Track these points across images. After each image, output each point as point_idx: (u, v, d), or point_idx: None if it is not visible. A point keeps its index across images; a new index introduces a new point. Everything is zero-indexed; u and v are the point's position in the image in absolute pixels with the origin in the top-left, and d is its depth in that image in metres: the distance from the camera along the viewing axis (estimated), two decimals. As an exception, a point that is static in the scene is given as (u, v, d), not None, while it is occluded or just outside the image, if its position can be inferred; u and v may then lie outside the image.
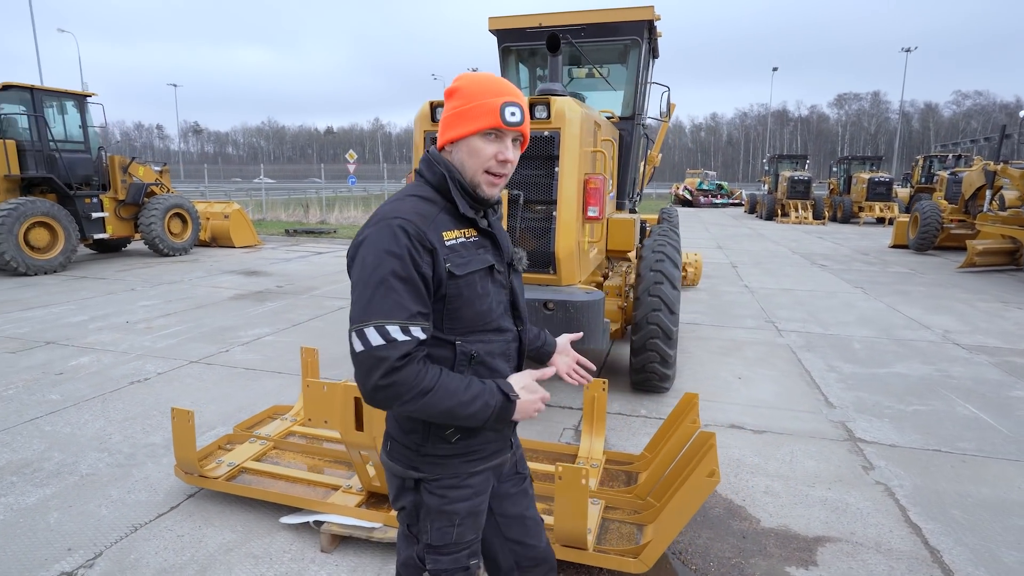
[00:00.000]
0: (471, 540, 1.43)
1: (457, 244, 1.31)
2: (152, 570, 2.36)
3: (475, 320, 1.34)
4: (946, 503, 2.94)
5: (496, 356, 1.39)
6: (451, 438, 1.35)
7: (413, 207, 1.28)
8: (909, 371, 5.00)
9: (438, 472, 1.38)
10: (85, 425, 3.71)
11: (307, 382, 2.41)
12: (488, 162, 1.31)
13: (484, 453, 1.41)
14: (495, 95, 1.29)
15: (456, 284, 1.29)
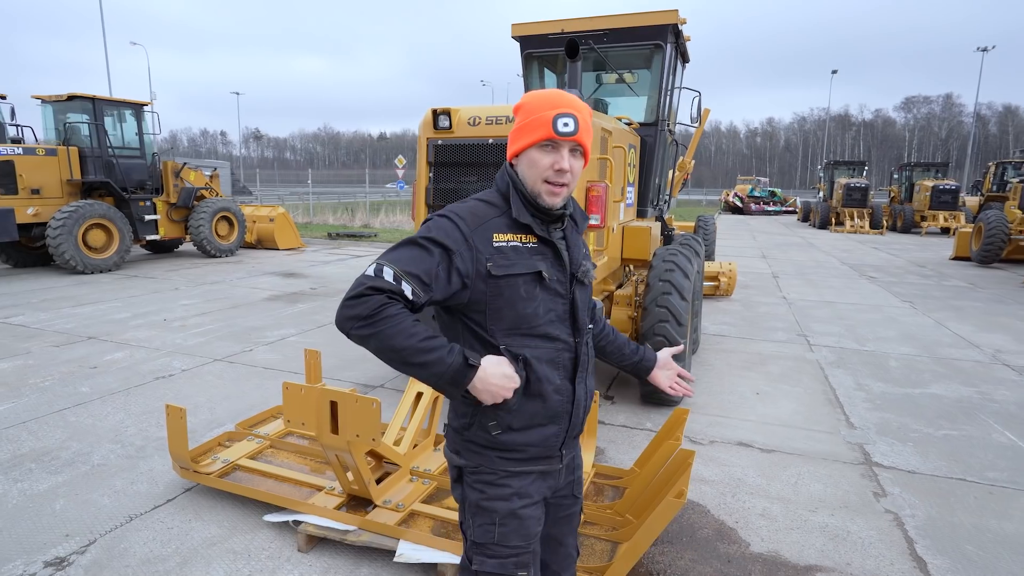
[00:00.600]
0: (517, 547, 1.42)
1: (507, 247, 1.35)
2: (137, 559, 2.46)
3: (518, 322, 1.37)
4: (961, 537, 2.73)
5: (543, 362, 1.39)
6: (492, 430, 1.38)
7: (470, 208, 1.39)
8: (946, 392, 4.68)
9: (477, 461, 1.42)
10: (106, 417, 3.91)
11: (286, 384, 2.46)
12: (545, 172, 1.36)
13: (524, 455, 1.42)
14: (549, 108, 1.34)
15: (496, 284, 1.34)
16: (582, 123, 1.35)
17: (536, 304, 1.38)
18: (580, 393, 1.46)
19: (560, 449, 1.47)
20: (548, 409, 1.41)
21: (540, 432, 1.42)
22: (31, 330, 6.03)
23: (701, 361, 5.44)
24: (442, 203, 3.75)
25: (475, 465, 1.42)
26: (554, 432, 1.44)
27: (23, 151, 9.22)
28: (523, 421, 1.39)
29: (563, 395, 1.43)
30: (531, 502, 1.44)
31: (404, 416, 3.09)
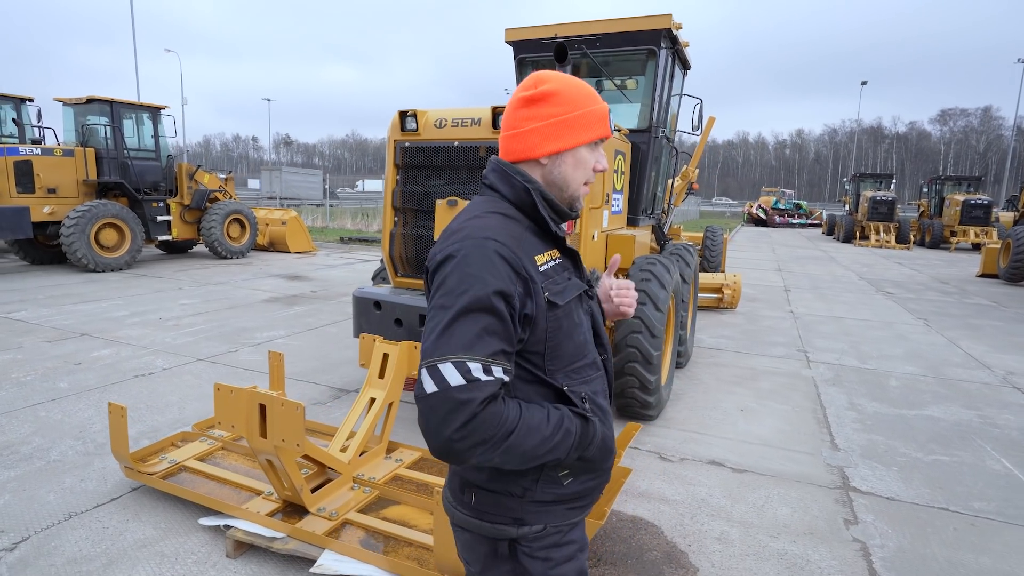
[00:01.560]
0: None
1: (549, 268, 1.13)
2: (64, 559, 2.43)
3: (575, 355, 1.16)
4: (930, 571, 2.54)
5: (599, 395, 1.21)
6: (563, 480, 1.16)
7: (503, 226, 1.09)
8: (944, 415, 4.44)
9: (543, 522, 1.15)
10: (76, 414, 3.92)
11: (217, 386, 2.41)
12: (588, 172, 1.21)
13: (591, 499, 1.24)
14: (598, 100, 1.18)
15: (556, 315, 1.11)
16: None
17: (583, 328, 1.19)
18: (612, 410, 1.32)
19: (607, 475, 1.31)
20: (608, 441, 1.21)
21: (606, 472, 1.24)
22: (29, 325, 6.14)
23: (690, 375, 5.27)
24: (411, 206, 3.69)
25: (539, 529, 1.15)
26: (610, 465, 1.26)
27: (41, 151, 9.49)
28: (592, 462, 1.19)
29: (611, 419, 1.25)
30: (587, 551, 1.26)
31: (355, 422, 3.02)
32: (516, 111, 1.19)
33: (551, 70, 1.17)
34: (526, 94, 1.17)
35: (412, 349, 3.14)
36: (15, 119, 11.84)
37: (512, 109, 1.20)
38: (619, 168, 4.89)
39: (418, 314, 3.51)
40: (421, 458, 3.17)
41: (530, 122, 1.16)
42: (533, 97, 1.16)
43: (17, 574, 2.32)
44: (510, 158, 1.20)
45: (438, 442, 0.97)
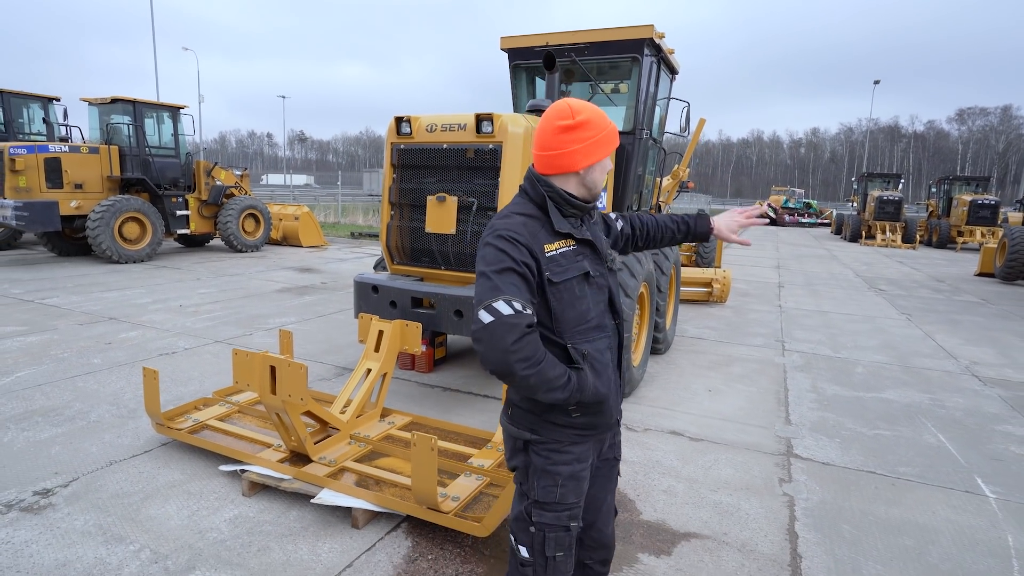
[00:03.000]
0: (573, 504, 1.61)
1: (557, 255, 1.53)
2: (108, 494, 2.91)
3: (577, 320, 1.55)
4: (842, 519, 2.94)
5: (603, 351, 1.60)
6: (572, 413, 1.57)
7: (522, 223, 1.52)
8: (899, 398, 4.81)
9: (551, 435, 1.59)
10: (110, 384, 4.42)
11: (235, 351, 2.87)
12: (606, 174, 1.62)
13: (596, 431, 1.64)
14: (611, 121, 1.59)
15: (556, 290, 1.51)
16: None
17: (587, 300, 1.57)
18: (624, 366, 1.72)
19: (616, 419, 1.71)
20: (609, 390, 1.60)
21: (608, 412, 1.63)
22: (62, 310, 6.69)
23: (668, 360, 5.68)
24: (405, 201, 4.14)
25: (546, 438, 1.60)
26: (613, 405, 1.65)
27: (69, 149, 10.07)
28: (595, 404, 1.58)
29: (615, 374, 1.66)
30: (585, 465, 1.64)
31: (352, 389, 3.48)
32: (557, 136, 1.54)
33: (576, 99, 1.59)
34: (565, 123, 1.54)
35: (404, 327, 3.59)
36: (44, 118, 12.49)
37: (553, 134, 1.55)
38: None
39: (410, 297, 3.96)
40: (411, 422, 3.62)
41: (572, 144, 1.54)
42: (572, 126, 1.54)
43: (72, 504, 2.81)
44: (549, 171, 1.58)
45: (497, 355, 1.37)
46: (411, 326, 3.57)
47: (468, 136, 3.78)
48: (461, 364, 5.26)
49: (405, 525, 2.75)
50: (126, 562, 2.40)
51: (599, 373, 1.57)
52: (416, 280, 4.20)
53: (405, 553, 2.54)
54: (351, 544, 2.59)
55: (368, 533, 2.67)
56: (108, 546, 2.50)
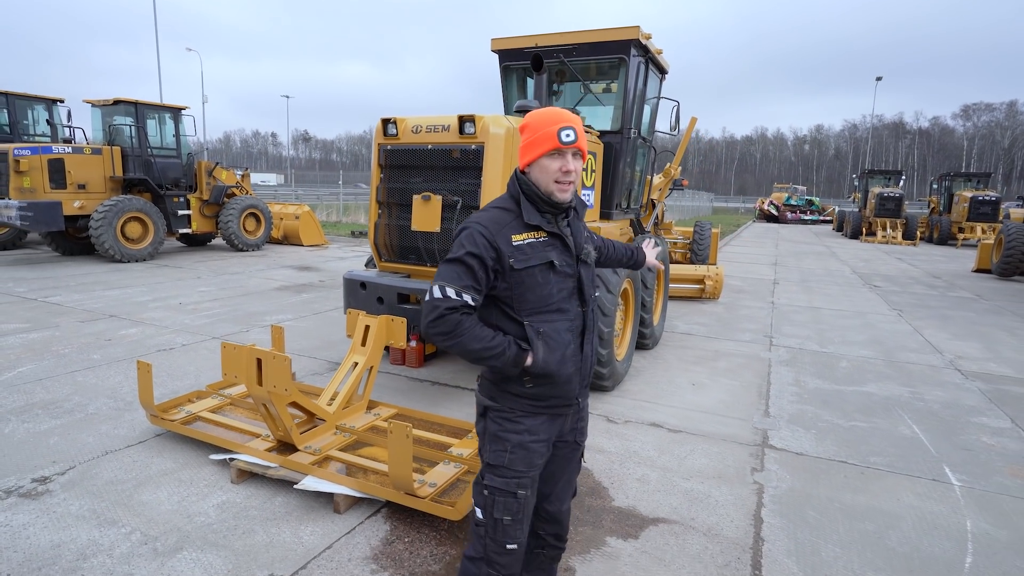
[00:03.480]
0: (520, 471, 1.73)
1: (524, 244, 1.69)
2: (103, 481, 3.04)
3: (538, 303, 1.71)
4: (808, 505, 3.05)
5: (561, 331, 1.73)
6: (526, 384, 1.73)
7: (491, 216, 1.71)
8: (879, 391, 4.90)
9: (507, 404, 1.76)
10: (108, 379, 4.56)
11: (223, 344, 3.00)
12: (555, 175, 1.69)
13: (547, 404, 1.77)
14: (553, 124, 1.67)
15: (518, 275, 1.67)
16: (580, 132, 1.69)
17: (550, 287, 1.72)
18: (588, 351, 1.81)
19: (576, 397, 1.82)
20: (565, 368, 1.73)
21: (563, 386, 1.75)
22: (64, 308, 6.84)
23: (655, 355, 5.78)
24: (392, 200, 4.26)
25: (502, 406, 1.77)
26: (571, 385, 1.77)
27: (72, 150, 10.24)
28: (549, 378, 1.72)
29: (575, 356, 1.77)
30: (538, 439, 1.76)
31: (339, 382, 3.60)
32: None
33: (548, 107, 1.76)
34: (519, 126, 1.76)
35: (389, 322, 3.70)
36: (48, 119, 12.68)
37: None
38: (589, 167, 5.40)
39: (396, 293, 4.08)
40: (397, 413, 3.74)
41: (520, 145, 1.76)
42: (521, 127, 1.76)
43: (68, 490, 2.94)
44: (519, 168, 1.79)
45: (423, 328, 1.65)
46: (396, 321, 3.69)
47: (451, 137, 3.89)
48: (451, 360, 5.38)
49: (385, 510, 2.87)
50: (117, 543, 2.53)
51: (552, 350, 1.71)
52: (403, 277, 4.32)
53: (383, 536, 2.66)
54: (332, 528, 2.71)
55: (349, 518, 2.80)
56: (101, 529, 2.63)
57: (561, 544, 2.01)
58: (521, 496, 1.76)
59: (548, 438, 1.80)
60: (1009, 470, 3.51)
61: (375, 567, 2.45)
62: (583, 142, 1.72)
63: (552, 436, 1.82)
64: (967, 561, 2.60)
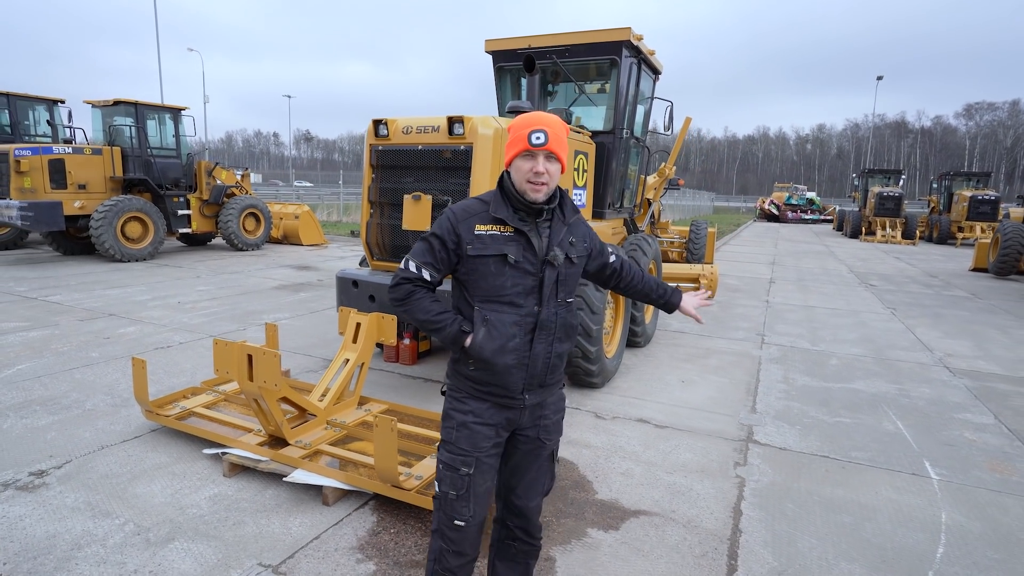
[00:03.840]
0: (465, 450, 1.81)
1: (486, 235, 1.77)
2: (98, 474, 3.11)
3: (489, 292, 1.78)
4: (788, 498, 3.11)
5: (507, 324, 1.78)
6: (469, 366, 1.82)
7: (465, 205, 1.83)
8: (867, 388, 4.96)
9: (455, 383, 1.89)
10: (106, 376, 4.64)
11: (215, 340, 3.07)
12: (527, 175, 1.75)
13: (486, 390, 1.83)
14: (525, 127, 1.75)
15: (472, 262, 1.78)
16: (551, 135, 1.73)
17: (504, 279, 1.77)
18: (539, 350, 1.81)
19: (522, 393, 1.84)
20: (503, 358, 1.78)
21: (502, 375, 1.80)
22: (64, 307, 6.93)
23: (647, 353, 5.85)
24: (384, 200, 4.33)
25: (454, 385, 1.90)
26: (513, 377, 1.81)
27: (72, 150, 10.33)
28: (487, 364, 1.79)
29: (521, 350, 1.80)
30: (482, 422, 1.83)
31: (331, 378, 3.67)
32: None
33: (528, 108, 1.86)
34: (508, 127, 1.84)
35: (380, 319, 3.77)
36: (48, 120, 12.78)
37: None
38: (580, 166, 5.46)
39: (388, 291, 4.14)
40: (387, 409, 3.81)
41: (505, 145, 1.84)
42: (507, 129, 1.84)
43: (64, 483, 3.02)
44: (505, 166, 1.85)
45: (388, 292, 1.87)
46: (387, 318, 3.76)
47: (441, 138, 3.96)
48: (445, 357, 5.45)
49: (373, 503, 2.94)
50: (111, 534, 2.60)
51: (492, 338, 1.78)
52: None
53: (370, 527, 2.73)
54: (320, 519, 2.78)
55: (337, 510, 2.87)
56: (95, 520, 2.70)
57: (531, 540, 2.03)
58: (464, 473, 1.82)
59: (496, 424, 1.85)
60: (988, 465, 3.57)
61: (360, 556, 2.52)
62: (556, 145, 1.75)
63: (501, 424, 1.86)
64: (939, 552, 2.66)
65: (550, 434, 1.98)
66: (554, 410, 1.98)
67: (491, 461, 1.88)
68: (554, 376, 1.92)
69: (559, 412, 2.01)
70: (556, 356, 1.88)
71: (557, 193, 1.85)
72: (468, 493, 1.83)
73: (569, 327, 1.91)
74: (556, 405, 2.00)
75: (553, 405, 1.98)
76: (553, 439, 2.00)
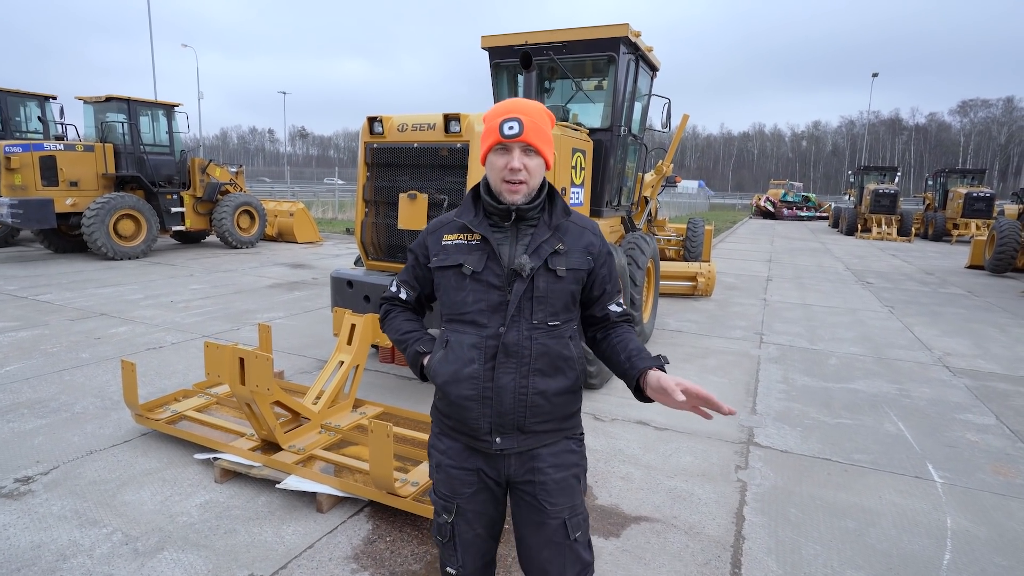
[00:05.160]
0: (444, 495, 1.59)
1: (451, 245, 1.55)
2: (86, 481, 3.04)
3: (452, 308, 1.54)
4: (791, 503, 3.06)
5: (465, 346, 1.50)
6: (439, 396, 1.60)
7: (445, 215, 1.66)
8: (867, 388, 4.92)
9: (434, 416, 1.66)
10: (96, 378, 4.56)
11: (207, 343, 3.00)
12: (501, 172, 1.47)
13: (451, 424, 1.57)
14: (496, 116, 1.46)
15: (436, 275, 1.59)
16: (528, 124, 1.42)
17: (465, 293, 1.50)
18: (505, 382, 1.47)
19: (490, 434, 1.50)
20: (459, 388, 1.50)
21: (459, 408, 1.52)
22: (54, 306, 6.82)
23: (645, 352, 5.78)
24: (379, 199, 4.25)
25: (433, 417, 1.67)
26: (473, 412, 1.49)
27: (64, 147, 10.20)
28: (442, 388, 1.54)
29: (480, 378, 1.48)
30: (457, 466, 1.57)
31: (325, 380, 3.60)
32: None
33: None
34: None
35: (375, 320, 3.70)
36: (40, 116, 12.61)
37: None
38: (578, 164, 5.39)
39: (382, 291, 4.07)
40: (383, 412, 3.75)
41: None
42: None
43: (51, 490, 2.94)
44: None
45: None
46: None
47: (437, 135, 3.89)
48: (441, 357, 5.38)
49: (368, 510, 2.87)
50: (98, 544, 2.53)
51: (448, 362, 1.52)
52: (390, 275, 4.32)
53: (365, 535, 2.67)
54: (314, 527, 2.71)
55: (331, 517, 2.80)
56: (82, 529, 2.63)
57: None
58: (443, 520, 1.60)
59: (473, 469, 1.56)
60: (992, 467, 3.53)
61: (355, 567, 2.45)
62: (533, 135, 1.44)
63: (480, 469, 1.56)
64: (945, 558, 2.62)
65: (552, 496, 1.54)
66: (554, 464, 1.55)
67: (477, 508, 1.59)
68: (539, 421, 1.51)
69: (564, 468, 1.57)
70: (536, 394, 1.48)
71: (544, 193, 1.54)
72: (452, 542, 1.62)
73: (558, 359, 1.51)
74: (557, 459, 1.56)
75: (552, 458, 1.56)
76: (558, 505, 1.54)
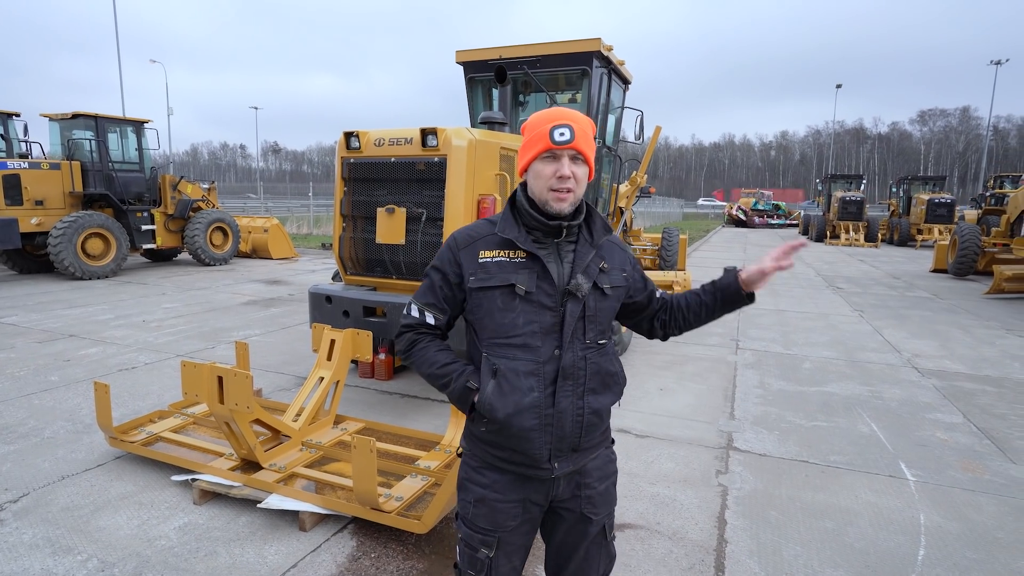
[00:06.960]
0: (484, 529, 1.52)
1: (491, 262, 1.46)
2: (59, 507, 2.95)
3: (497, 332, 1.45)
4: (771, 505, 3.12)
5: (521, 374, 1.43)
6: (482, 424, 1.48)
7: (471, 228, 1.54)
8: (840, 391, 5.04)
9: (469, 446, 1.58)
10: (66, 401, 4.43)
11: (183, 362, 2.95)
12: (549, 181, 1.42)
13: (506, 459, 1.50)
14: (546, 122, 1.42)
15: (476, 296, 1.47)
16: (579, 132, 1.41)
17: (515, 315, 1.43)
18: (565, 406, 1.45)
19: (549, 461, 1.47)
20: (521, 420, 1.43)
21: (519, 441, 1.45)
22: (20, 328, 6.63)
23: (624, 362, 5.85)
24: (357, 213, 4.25)
25: (469, 450, 1.58)
26: (535, 443, 1.45)
27: (28, 165, 9.96)
28: (500, 426, 1.45)
29: (542, 407, 1.44)
30: (504, 499, 1.51)
31: (305, 397, 3.56)
32: None
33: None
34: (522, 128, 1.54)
35: (355, 335, 3.68)
36: (2, 134, 12.29)
37: None
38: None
39: (361, 306, 4.06)
40: (364, 427, 3.72)
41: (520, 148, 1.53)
42: (521, 129, 1.53)
43: (21, 519, 2.85)
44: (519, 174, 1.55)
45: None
46: (362, 334, 3.67)
47: (414, 150, 3.91)
48: (421, 371, 5.36)
49: (352, 526, 2.85)
50: (73, 571, 2.46)
51: (504, 393, 1.44)
52: (369, 289, 4.31)
53: (349, 553, 2.64)
54: (297, 546, 2.68)
55: (314, 535, 2.77)
56: (56, 557, 2.55)
57: None
58: (483, 555, 1.54)
59: (520, 499, 1.53)
60: (961, 464, 3.64)
61: (340, 584, 2.43)
62: (583, 143, 1.42)
63: (528, 498, 1.53)
64: (920, 554, 2.69)
65: (596, 507, 1.59)
66: (599, 477, 1.59)
67: (519, 540, 1.57)
68: (591, 438, 1.53)
69: (607, 479, 1.62)
70: (591, 413, 1.49)
71: (583, 207, 1.52)
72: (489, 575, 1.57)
73: (607, 375, 1.53)
74: (602, 471, 1.61)
75: (598, 472, 1.59)
76: (601, 513, 1.60)
